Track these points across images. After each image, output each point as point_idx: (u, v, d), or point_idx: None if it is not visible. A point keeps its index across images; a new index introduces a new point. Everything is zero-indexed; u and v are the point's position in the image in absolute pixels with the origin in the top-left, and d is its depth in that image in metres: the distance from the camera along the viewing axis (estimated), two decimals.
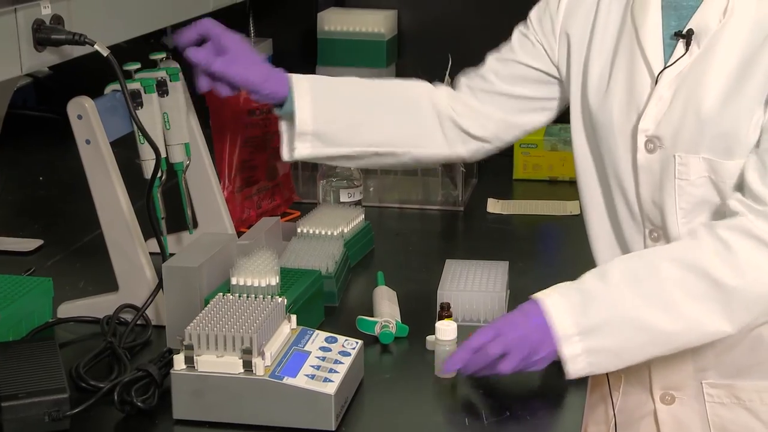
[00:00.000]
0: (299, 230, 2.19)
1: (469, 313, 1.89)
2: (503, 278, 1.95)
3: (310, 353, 1.61)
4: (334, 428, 1.54)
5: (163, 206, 1.97)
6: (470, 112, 1.92)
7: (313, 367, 1.57)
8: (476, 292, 1.90)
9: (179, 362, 1.54)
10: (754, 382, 1.74)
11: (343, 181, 2.40)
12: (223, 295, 1.66)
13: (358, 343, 1.68)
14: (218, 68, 1.86)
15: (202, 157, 2.10)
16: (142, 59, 1.98)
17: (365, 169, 2.37)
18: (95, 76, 1.88)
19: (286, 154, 1.91)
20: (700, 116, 1.63)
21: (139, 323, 1.85)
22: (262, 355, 1.53)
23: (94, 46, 1.74)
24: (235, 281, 1.74)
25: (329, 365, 1.59)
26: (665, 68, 1.66)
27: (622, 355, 1.59)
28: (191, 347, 1.54)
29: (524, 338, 1.57)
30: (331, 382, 1.55)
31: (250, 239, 1.99)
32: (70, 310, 1.91)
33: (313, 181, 2.51)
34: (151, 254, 1.89)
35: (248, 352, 1.52)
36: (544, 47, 1.86)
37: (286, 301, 1.67)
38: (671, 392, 1.77)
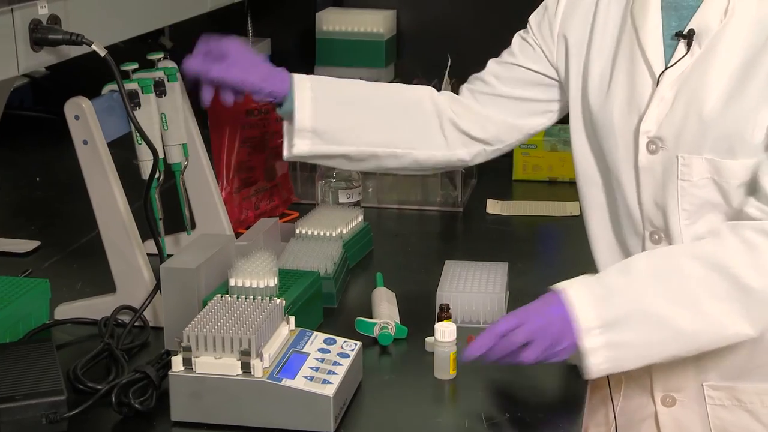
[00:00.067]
0: (298, 231, 2.19)
1: (468, 314, 1.89)
2: (503, 279, 1.95)
3: (308, 355, 1.61)
4: (332, 430, 1.53)
5: (160, 207, 1.97)
6: (470, 114, 1.92)
7: (311, 368, 1.57)
8: (476, 293, 1.89)
9: (177, 364, 1.54)
10: (754, 384, 1.73)
11: (341, 182, 2.39)
12: (221, 296, 1.65)
13: (356, 344, 1.67)
14: (217, 74, 1.86)
15: (200, 157, 2.10)
16: (139, 59, 1.98)
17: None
18: (92, 76, 1.88)
19: (285, 151, 1.91)
20: (702, 117, 1.62)
21: (136, 325, 1.85)
22: (260, 356, 1.53)
23: (91, 46, 1.73)
24: (233, 282, 1.73)
25: (328, 367, 1.58)
26: (666, 69, 1.65)
27: (641, 351, 1.58)
28: (189, 349, 1.53)
29: (547, 328, 1.56)
30: (329, 383, 1.54)
31: (248, 240, 1.99)
32: (67, 311, 1.91)
33: (311, 181, 2.51)
34: (148, 255, 1.89)
35: (246, 353, 1.52)
36: (543, 51, 1.86)
37: (284, 302, 1.67)
38: (672, 394, 1.77)
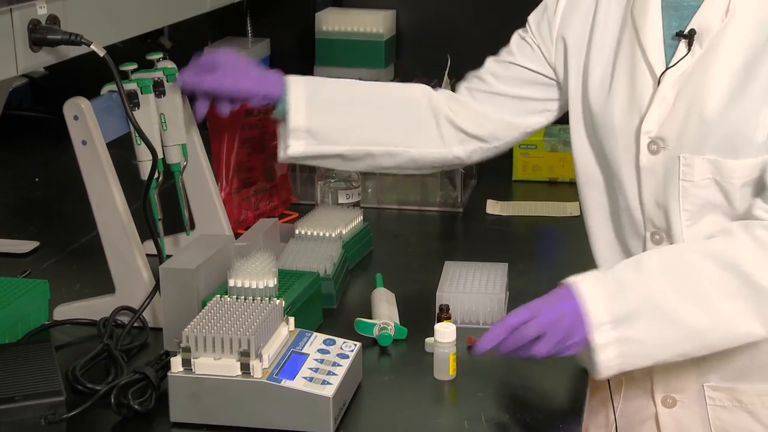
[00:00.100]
0: (297, 232, 2.19)
1: (468, 315, 1.89)
2: (503, 280, 1.95)
3: (308, 355, 1.60)
4: (332, 431, 1.53)
5: (159, 208, 1.97)
6: (468, 111, 1.92)
7: (311, 369, 1.57)
8: (475, 293, 1.89)
9: (176, 365, 1.54)
10: (755, 385, 1.73)
11: (341, 182, 2.39)
12: (220, 297, 1.65)
13: (356, 345, 1.67)
14: (210, 85, 1.87)
15: (199, 158, 2.10)
16: (138, 59, 1.98)
17: (370, 171, 2.36)
18: (91, 76, 1.88)
19: (280, 152, 1.91)
20: (704, 117, 1.62)
21: (135, 325, 1.85)
22: (259, 357, 1.53)
23: (90, 46, 1.73)
24: (232, 283, 1.73)
25: (327, 367, 1.58)
26: (667, 69, 1.65)
27: (651, 348, 1.57)
28: (188, 349, 1.53)
29: (559, 321, 1.55)
30: (329, 384, 1.54)
31: (247, 241, 1.99)
32: (66, 312, 1.90)
33: (311, 182, 2.51)
34: (148, 256, 1.89)
35: (246, 354, 1.52)
36: (541, 50, 1.86)
37: (284, 303, 1.67)
38: (673, 395, 1.77)
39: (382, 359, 1.79)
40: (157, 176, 1.90)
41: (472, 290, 1.90)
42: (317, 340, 1.65)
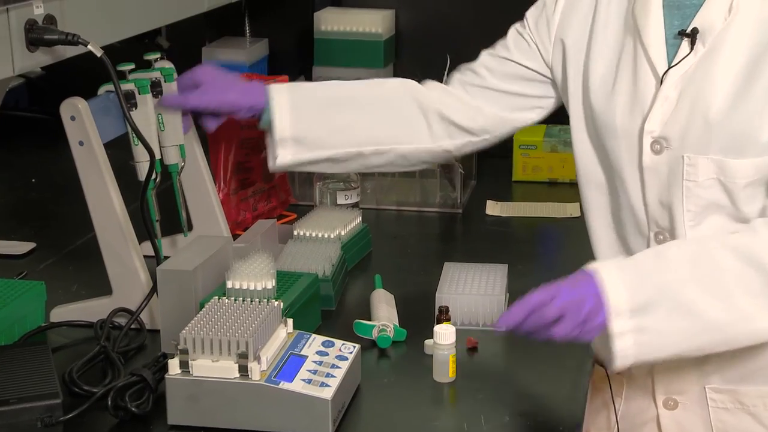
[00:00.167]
0: (295, 233, 2.18)
1: (468, 316, 1.88)
2: (502, 281, 1.94)
3: (306, 357, 1.60)
4: None
5: (157, 209, 1.97)
6: (460, 104, 1.92)
7: (309, 371, 1.57)
8: (475, 295, 1.89)
9: (174, 367, 1.53)
10: (758, 387, 1.72)
11: (340, 183, 2.38)
12: (218, 298, 1.65)
13: (355, 347, 1.67)
14: (194, 103, 1.91)
15: (197, 158, 2.10)
16: (136, 60, 1.97)
17: (359, 171, 2.35)
18: (89, 76, 1.88)
19: (270, 162, 1.93)
20: (708, 117, 1.61)
21: (133, 327, 1.84)
22: (258, 359, 1.52)
23: (87, 46, 1.74)
24: (230, 284, 1.73)
25: (326, 370, 1.58)
26: (670, 68, 1.64)
27: (669, 339, 1.57)
28: (186, 351, 1.53)
29: (579, 304, 1.53)
30: (328, 386, 1.54)
31: (245, 242, 1.99)
32: (63, 314, 1.90)
33: (309, 183, 2.50)
34: (145, 257, 1.89)
35: (244, 356, 1.51)
36: (538, 48, 1.85)
37: (282, 304, 1.66)
38: (674, 397, 1.76)
39: (381, 361, 1.79)
40: (154, 177, 1.91)
41: (471, 292, 1.90)
42: (316, 341, 1.65)
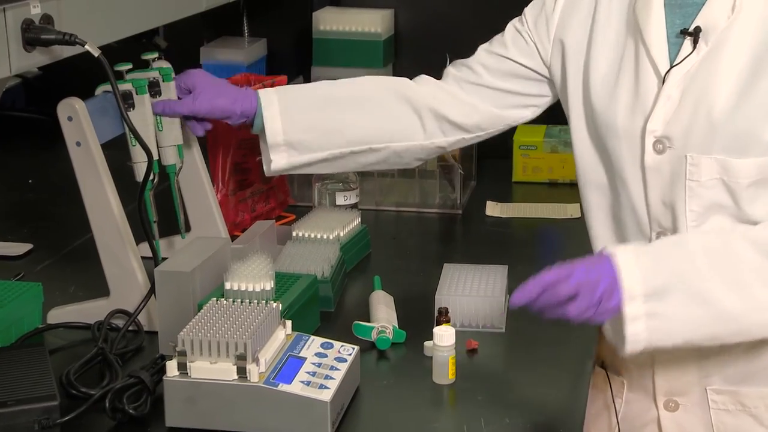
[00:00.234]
0: (294, 234, 2.18)
1: (467, 318, 1.88)
2: (502, 282, 1.94)
3: (305, 359, 1.60)
4: None
5: (155, 209, 1.97)
6: (454, 101, 1.92)
7: (308, 373, 1.56)
8: (475, 296, 1.88)
9: (172, 369, 1.53)
10: (759, 388, 1.72)
11: (338, 183, 2.38)
12: (216, 300, 1.64)
13: (354, 348, 1.66)
14: (187, 108, 1.93)
15: (195, 159, 2.09)
16: (133, 59, 1.97)
17: (357, 171, 2.35)
18: (86, 76, 1.88)
19: (265, 167, 1.95)
20: (712, 116, 1.61)
21: (130, 329, 1.84)
22: (256, 361, 1.52)
23: (84, 46, 1.74)
24: (228, 286, 1.72)
25: (325, 371, 1.58)
26: (672, 67, 1.64)
27: (682, 326, 1.56)
28: (184, 353, 1.52)
29: (595, 284, 1.53)
30: (327, 388, 1.53)
31: (244, 243, 1.99)
32: (60, 315, 1.89)
33: (308, 183, 2.49)
34: (143, 258, 1.88)
35: (242, 358, 1.51)
36: (537, 47, 1.85)
37: (280, 306, 1.66)
38: (675, 399, 1.76)
39: (380, 363, 1.78)
40: (152, 178, 1.90)
41: (471, 293, 1.89)
42: (315, 343, 1.65)
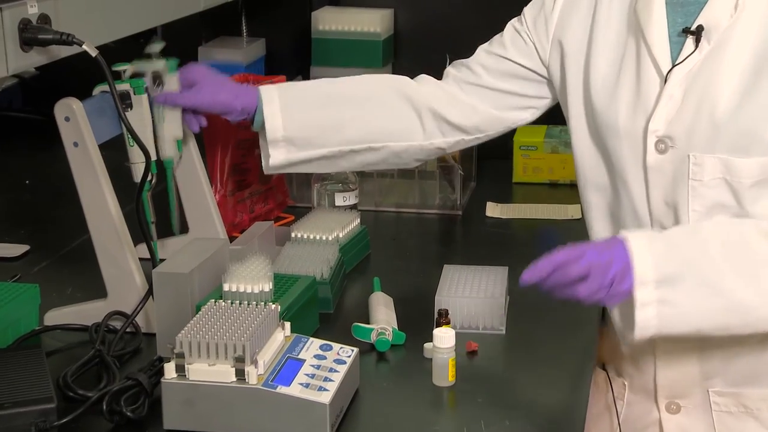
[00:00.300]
0: (293, 235, 2.18)
1: (467, 319, 1.87)
2: (503, 284, 1.93)
3: (304, 361, 1.59)
4: None
5: (152, 210, 1.96)
6: (454, 101, 1.93)
7: (307, 375, 1.56)
8: (475, 298, 1.88)
9: (170, 371, 1.52)
10: (762, 390, 1.72)
11: (338, 184, 2.37)
12: (215, 301, 1.64)
13: (353, 350, 1.66)
14: (188, 102, 1.93)
15: (193, 159, 2.09)
16: (131, 59, 1.96)
17: (356, 171, 2.35)
18: (83, 77, 1.87)
19: (264, 163, 1.95)
20: (715, 116, 1.61)
21: (128, 331, 1.83)
22: (255, 363, 1.52)
23: (82, 46, 1.73)
24: (227, 287, 1.72)
25: (324, 373, 1.57)
26: (674, 66, 1.63)
27: (692, 314, 1.57)
28: (182, 355, 1.52)
29: (606, 266, 1.54)
30: (326, 390, 1.53)
31: (242, 244, 1.99)
32: (57, 317, 1.89)
33: (307, 184, 2.49)
34: (140, 260, 1.88)
35: (241, 360, 1.50)
36: (536, 47, 1.86)
37: (279, 307, 1.65)
38: (677, 401, 1.75)
39: (379, 365, 1.78)
40: (150, 178, 1.90)
41: (471, 294, 1.89)
42: (314, 345, 1.64)
